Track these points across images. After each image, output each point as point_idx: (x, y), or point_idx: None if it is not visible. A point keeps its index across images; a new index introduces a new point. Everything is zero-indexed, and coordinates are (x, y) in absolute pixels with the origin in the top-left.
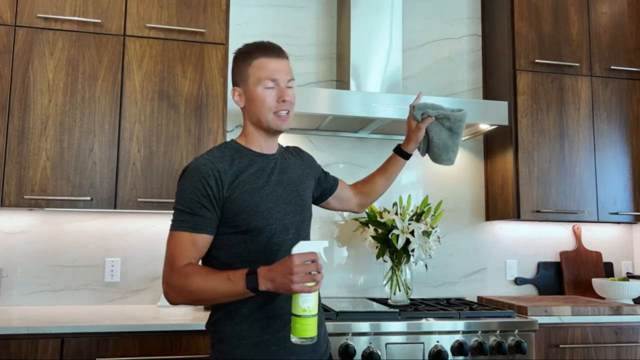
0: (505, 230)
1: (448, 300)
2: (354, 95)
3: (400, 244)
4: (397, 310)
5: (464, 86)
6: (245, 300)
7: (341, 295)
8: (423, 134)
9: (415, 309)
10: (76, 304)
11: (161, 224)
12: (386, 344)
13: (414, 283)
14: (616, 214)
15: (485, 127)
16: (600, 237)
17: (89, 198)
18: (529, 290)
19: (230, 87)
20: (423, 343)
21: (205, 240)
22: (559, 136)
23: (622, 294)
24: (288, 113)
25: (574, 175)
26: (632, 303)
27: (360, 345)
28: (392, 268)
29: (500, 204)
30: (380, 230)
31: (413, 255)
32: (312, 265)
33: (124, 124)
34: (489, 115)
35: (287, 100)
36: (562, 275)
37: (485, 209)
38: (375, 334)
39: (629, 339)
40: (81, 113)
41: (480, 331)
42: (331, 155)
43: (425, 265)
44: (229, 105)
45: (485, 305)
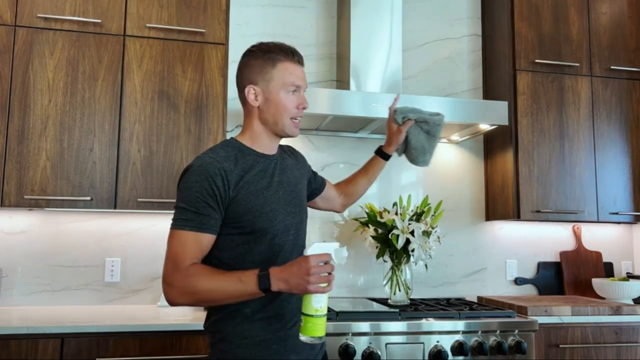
0: (505, 230)
1: (448, 300)
2: (354, 95)
3: (400, 244)
4: (397, 310)
5: (464, 86)
6: (248, 300)
7: (341, 295)
8: (404, 136)
9: (415, 309)
10: (76, 304)
11: (161, 224)
12: (386, 344)
13: (414, 283)
14: (616, 214)
15: (485, 127)
16: (600, 237)
17: (89, 198)
18: (529, 290)
19: (231, 87)
20: (423, 343)
21: (209, 240)
22: (559, 136)
23: (622, 294)
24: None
25: (574, 175)
26: (632, 303)
27: (360, 345)
28: (392, 268)
29: (500, 204)
30: (380, 230)
31: (413, 255)
32: (327, 267)
33: (124, 124)
34: (489, 115)
35: (306, 108)
36: (562, 275)
37: (485, 209)
38: (375, 334)
39: (629, 339)
40: (81, 113)
41: (480, 331)
42: (331, 155)
43: (425, 265)
44: (229, 105)
45: (485, 305)
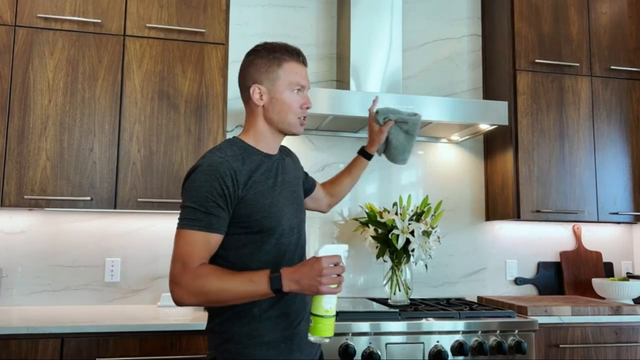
0: (505, 230)
1: (448, 300)
2: (354, 95)
3: (400, 244)
4: (397, 310)
5: (464, 86)
6: (256, 301)
7: (341, 295)
8: (385, 136)
9: (415, 309)
10: (76, 304)
11: (161, 224)
12: (386, 344)
13: (414, 283)
14: (616, 214)
15: (485, 127)
16: (600, 237)
17: (89, 198)
18: (529, 290)
19: (231, 87)
20: (423, 343)
21: (217, 240)
22: (559, 136)
23: (622, 294)
24: None
25: (574, 175)
26: (632, 303)
27: (360, 345)
28: (392, 268)
29: (500, 204)
30: (380, 230)
31: (413, 255)
32: (338, 268)
33: (124, 124)
34: (489, 115)
35: (309, 108)
36: (562, 275)
37: (485, 209)
38: (375, 334)
39: (629, 339)
40: (81, 113)
41: (480, 331)
42: (331, 155)
43: (425, 265)
44: (229, 105)
45: (485, 305)
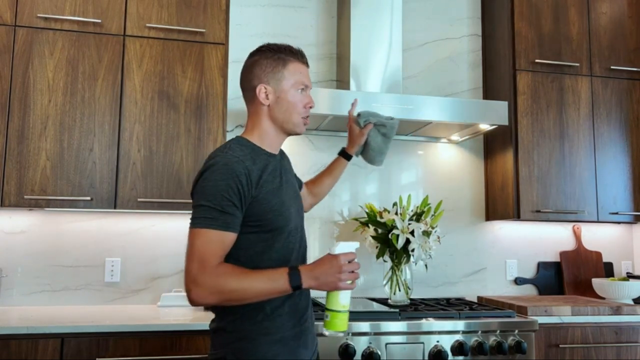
0: (505, 230)
1: (448, 300)
2: (354, 95)
3: (400, 244)
4: (397, 310)
5: (464, 86)
6: (269, 298)
7: None
8: (365, 138)
9: (415, 309)
10: (76, 304)
11: (161, 224)
12: (386, 344)
13: (414, 283)
14: (616, 214)
15: (485, 127)
16: (600, 237)
17: (89, 198)
18: (529, 290)
19: (231, 87)
20: (423, 343)
21: (232, 239)
22: (559, 136)
23: (622, 294)
24: None
25: (574, 175)
26: (632, 303)
27: (360, 345)
28: (392, 268)
29: (500, 204)
30: (380, 230)
31: (413, 255)
32: (355, 265)
33: (124, 124)
34: (489, 115)
35: (312, 107)
36: (562, 275)
37: (485, 209)
38: (375, 333)
39: (629, 339)
40: (81, 113)
41: (480, 331)
42: (331, 155)
43: (425, 265)
44: (229, 105)
45: (485, 305)
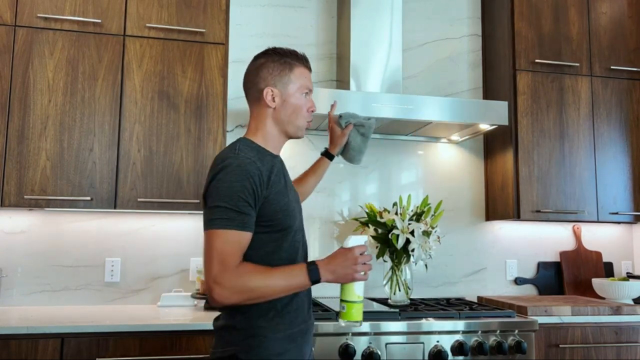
0: (505, 230)
1: (448, 300)
2: (354, 95)
3: (400, 244)
4: (397, 310)
5: (464, 86)
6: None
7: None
8: (346, 138)
9: (415, 309)
10: (76, 304)
11: (161, 224)
12: (386, 344)
13: (414, 283)
14: (616, 213)
15: (485, 127)
16: (600, 237)
17: (89, 198)
18: (529, 290)
19: (231, 87)
20: (423, 343)
21: (249, 238)
22: (559, 136)
23: (622, 294)
24: None
25: (574, 175)
26: (632, 303)
27: (360, 345)
28: (392, 268)
29: (500, 204)
30: (380, 230)
31: (413, 255)
32: (368, 256)
33: (124, 124)
34: (489, 115)
35: (314, 111)
36: (562, 275)
37: (485, 209)
38: (375, 334)
39: (629, 339)
40: (81, 113)
41: (480, 331)
42: None
43: (425, 265)
44: (229, 105)
45: (485, 305)
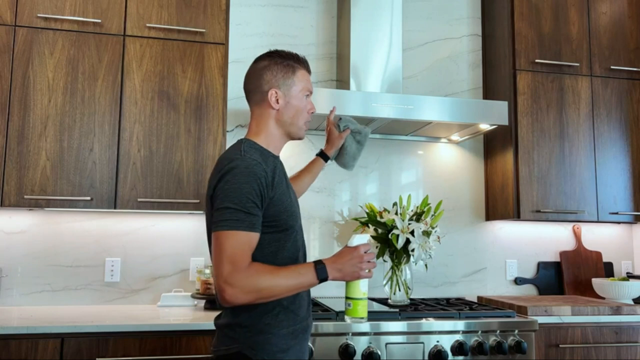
0: (505, 230)
1: (448, 300)
2: (354, 95)
3: (400, 243)
4: (397, 310)
5: (464, 86)
6: None
7: (341, 295)
8: (342, 142)
9: (415, 308)
10: (76, 304)
11: (161, 224)
12: (386, 344)
13: (414, 283)
14: (616, 213)
15: (485, 127)
16: (600, 237)
17: (89, 198)
18: (529, 290)
19: (231, 87)
20: (423, 343)
21: (257, 239)
22: (559, 136)
23: (622, 294)
24: None
25: (574, 175)
26: (632, 303)
27: (360, 345)
28: (392, 268)
29: (500, 203)
30: (380, 230)
31: (413, 255)
32: (372, 254)
33: (124, 124)
34: (489, 115)
35: (314, 112)
36: (562, 275)
37: (485, 208)
38: (375, 333)
39: (629, 339)
40: (81, 113)
41: (480, 331)
42: None
43: (425, 265)
44: (229, 105)
45: (485, 305)
